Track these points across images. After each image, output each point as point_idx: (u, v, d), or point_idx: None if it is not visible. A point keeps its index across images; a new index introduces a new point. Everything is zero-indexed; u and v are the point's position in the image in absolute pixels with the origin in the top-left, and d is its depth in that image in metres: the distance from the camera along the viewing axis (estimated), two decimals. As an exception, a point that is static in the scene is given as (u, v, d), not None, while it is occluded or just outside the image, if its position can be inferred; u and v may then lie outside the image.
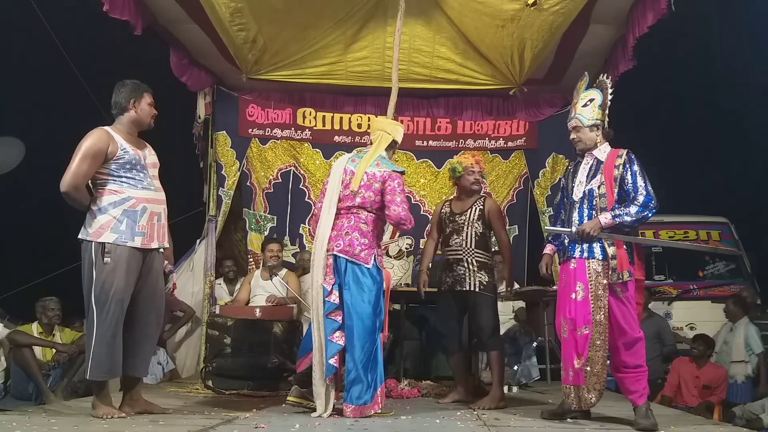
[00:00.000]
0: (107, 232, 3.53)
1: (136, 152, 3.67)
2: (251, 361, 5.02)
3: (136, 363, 3.70)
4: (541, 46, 5.94)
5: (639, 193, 3.61)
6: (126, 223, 3.57)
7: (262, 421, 3.52)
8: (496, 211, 4.72)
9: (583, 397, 3.62)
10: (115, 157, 3.59)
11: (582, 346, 3.59)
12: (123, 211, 3.58)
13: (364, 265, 3.82)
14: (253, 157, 7.14)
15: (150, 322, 3.72)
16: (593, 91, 3.86)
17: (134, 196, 3.62)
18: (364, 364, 3.71)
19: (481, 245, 4.59)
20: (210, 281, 6.75)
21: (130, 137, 3.71)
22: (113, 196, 3.59)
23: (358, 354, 3.72)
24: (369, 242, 3.87)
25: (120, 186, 3.61)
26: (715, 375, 5.86)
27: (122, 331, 3.55)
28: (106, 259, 3.50)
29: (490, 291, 4.53)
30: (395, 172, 3.94)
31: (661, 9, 4.97)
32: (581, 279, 3.64)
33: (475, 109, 7.26)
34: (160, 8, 5.66)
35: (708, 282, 7.63)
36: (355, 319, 3.76)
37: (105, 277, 3.50)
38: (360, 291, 3.79)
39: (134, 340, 3.66)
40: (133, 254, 3.58)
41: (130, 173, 3.63)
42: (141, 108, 3.74)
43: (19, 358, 5.24)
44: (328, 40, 6.15)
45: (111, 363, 3.50)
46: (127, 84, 3.76)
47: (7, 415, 3.77)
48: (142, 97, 3.75)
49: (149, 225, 3.64)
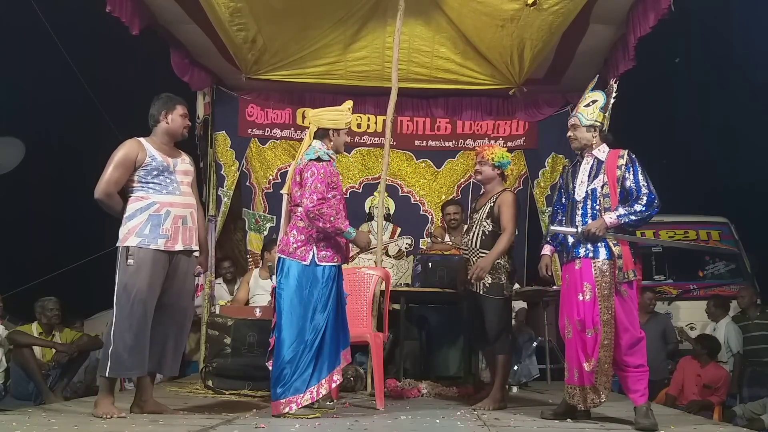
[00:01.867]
0: (132, 237, 3.64)
1: (165, 159, 3.77)
2: (251, 361, 5.01)
3: (162, 362, 3.77)
4: (541, 46, 5.94)
5: (642, 193, 3.62)
6: (150, 227, 3.67)
7: (262, 421, 3.52)
8: (506, 202, 4.37)
9: (590, 397, 3.62)
10: (144, 164, 3.71)
11: (591, 348, 3.59)
12: (148, 216, 3.68)
13: (301, 261, 3.77)
14: (253, 157, 7.14)
15: (175, 322, 3.79)
16: (598, 92, 3.90)
17: (158, 200, 3.72)
18: (288, 361, 3.66)
19: (487, 245, 4.36)
20: (210, 281, 6.75)
21: (163, 146, 3.83)
22: (140, 203, 3.70)
23: (285, 351, 3.68)
24: (305, 238, 3.79)
25: (146, 192, 3.72)
26: (716, 375, 5.86)
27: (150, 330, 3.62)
28: (129, 261, 3.60)
29: (494, 293, 4.33)
30: (311, 160, 3.81)
31: (662, 9, 4.97)
32: (588, 279, 3.63)
33: (474, 109, 7.26)
34: (159, 8, 5.66)
35: (708, 282, 7.63)
36: (284, 317, 3.73)
37: (128, 279, 3.59)
38: (288, 288, 3.75)
39: (160, 340, 3.73)
40: (158, 257, 3.66)
41: (157, 179, 3.73)
42: (173, 119, 3.86)
43: (19, 358, 5.24)
44: (328, 40, 6.15)
45: (134, 361, 3.56)
46: (162, 97, 3.90)
47: (7, 415, 3.77)
48: (174, 108, 3.87)
49: (173, 228, 3.72)
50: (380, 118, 7.05)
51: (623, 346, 3.61)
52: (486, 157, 4.48)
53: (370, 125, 7.22)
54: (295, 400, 3.65)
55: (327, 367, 3.73)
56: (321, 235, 3.81)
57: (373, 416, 3.85)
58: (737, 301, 6.77)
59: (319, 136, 3.97)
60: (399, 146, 7.16)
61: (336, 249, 3.87)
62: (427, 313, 5.99)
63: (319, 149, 3.88)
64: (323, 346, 3.73)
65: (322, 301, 3.76)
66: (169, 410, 3.79)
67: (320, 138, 3.97)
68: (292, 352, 3.68)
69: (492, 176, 4.50)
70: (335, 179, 3.89)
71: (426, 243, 6.75)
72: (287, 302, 3.75)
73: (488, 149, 4.54)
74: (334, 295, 3.81)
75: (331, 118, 3.99)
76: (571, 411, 3.76)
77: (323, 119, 3.99)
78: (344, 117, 4.02)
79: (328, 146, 3.96)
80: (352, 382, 5.19)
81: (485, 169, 4.49)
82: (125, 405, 3.78)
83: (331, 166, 3.89)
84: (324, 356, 3.73)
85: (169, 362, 3.81)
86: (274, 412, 3.66)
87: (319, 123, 3.98)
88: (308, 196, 3.74)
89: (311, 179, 3.77)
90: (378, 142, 7.10)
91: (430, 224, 7.05)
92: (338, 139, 4.01)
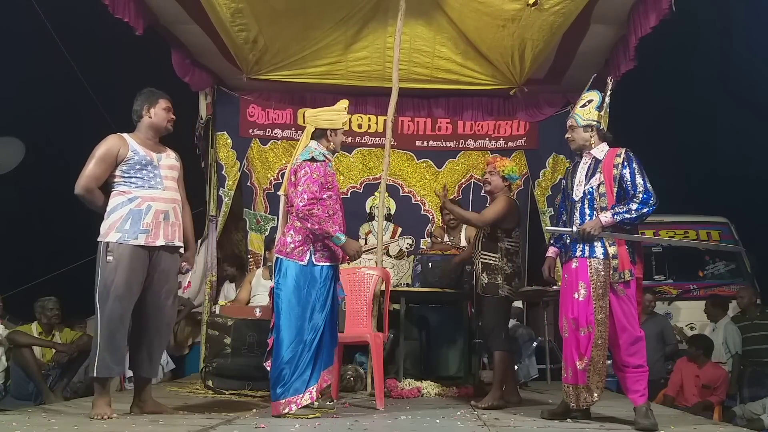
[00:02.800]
0: (113, 232, 3.58)
1: (148, 153, 3.73)
2: (251, 361, 5.00)
3: (142, 361, 3.71)
4: (542, 46, 5.94)
5: (638, 191, 3.62)
6: (130, 222, 3.60)
7: (262, 421, 3.52)
8: (498, 200, 4.58)
9: (582, 396, 3.63)
10: (126, 158, 3.66)
11: (584, 347, 3.60)
12: (129, 211, 3.63)
13: (298, 262, 3.77)
14: (254, 157, 7.14)
15: (158, 321, 3.72)
16: (593, 92, 3.91)
17: (140, 195, 3.66)
18: (287, 361, 3.66)
19: (487, 247, 4.56)
20: (210, 281, 6.75)
21: (147, 142, 3.79)
22: (121, 197, 3.65)
23: (284, 351, 3.67)
24: (303, 239, 3.78)
25: (128, 187, 3.67)
26: (715, 375, 5.87)
27: (130, 329, 3.59)
28: (108, 258, 3.54)
29: (490, 292, 4.51)
30: (306, 161, 3.81)
31: (663, 9, 4.97)
32: (583, 278, 3.64)
33: (475, 109, 7.25)
34: (161, 9, 5.66)
35: (708, 282, 7.63)
36: (283, 317, 3.72)
37: (107, 275, 3.53)
38: (287, 288, 3.74)
39: (141, 339, 3.69)
40: (137, 252, 3.59)
41: (140, 173, 3.68)
42: (156, 113, 3.81)
43: (19, 358, 5.24)
44: (329, 40, 6.15)
45: (112, 361, 3.51)
46: (144, 92, 3.85)
47: (7, 415, 3.77)
48: (156, 103, 3.81)
49: (154, 222, 3.65)
50: (381, 119, 7.05)
51: (622, 345, 3.61)
52: (498, 168, 4.63)
53: (370, 125, 7.22)
54: (295, 400, 3.65)
55: (323, 367, 3.75)
56: (315, 236, 3.80)
57: (373, 416, 3.86)
58: (737, 301, 6.77)
59: (317, 136, 3.97)
60: (400, 146, 7.16)
61: (332, 248, 3.85)
62: (427, 313, 5.99)
63: (315, 149, 3.87)
64: (322, 346, 3.73)
65: (321, 300, 3.75)
66: (168, 410, 3.78)
67: (317, 138, 3.97)
68: (291, 352, 3.68)
69: (500, 187, 4.66)
70: (330, 180, 3.86)
71: (426, 243, 6.75)
72: (285, 302, 3.75)
73: (500, 161, 4.71)
74: (331, 295, 3.81)
75: (328, 119, 3.98)
76: (570, 411, 3.76)
77: (320, 119, 3.98)
78: (341, 117, 4.02)
79: (325, 146, 3.95)
80: (352, 382, 5.19)
81: (495, 179, 4.65)
82: (125, 405, 3.78)
83: (326, 166, 3.87)
84: (323, 356, 3.74)
85: (147, 362, 3.73)
86: (273, 413, 3.67)
87: (316, 123, 3.98)
88: (299, 196, 3.74)
89: (304, 179, 3.77)
90: (379, 142, 7.10)
91: (430, 224, 7.05)
92: (336, 139, 4.01)
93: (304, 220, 3.73)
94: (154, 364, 3.79)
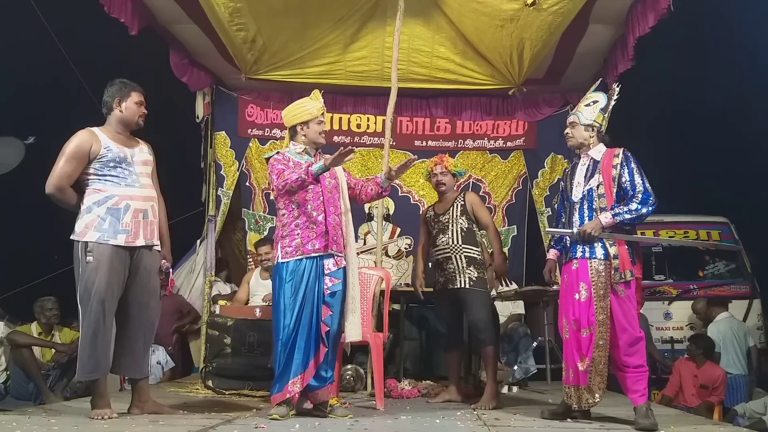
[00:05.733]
0: (91, 231, 3.51)
1: (121, 150, 3.63)
2: (251, 361, 5.01)
3: (128, 363, 3.66)
4: (540, 46, 5.94)
5: (637, 191, 3.62)
6: (109, 221, 3.53)
7: (262, 421, 3.52)
8: (477, 202, 4.74)
9: (584, 397, 3.63)
10: (99, 156, 3.57)
11: (586, 348, 3.60)
12: (107, 210, 3.55)
13: (279, 260, 3.77)
14: (253, 157, 7.14)
15: (141, 322, 3.66)
16: (599, 93, 3.93)
17: (117, 193, 3.58)
18: (275, 360, 3.69)
19: (469, 240, 4.58)
20: (210, 281, 6.75)
21: (118, 136, 3.67)
22: (97, 195, 3.57)
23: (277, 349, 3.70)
24: (277, 236, 3.82)
25: (103, 185, 3.58)
26: (713, 375, 5.86)
27: (114, 330, 3.53)
28: (88, 258, 3.48)
29: (480, 286, 4.52)
30: (270, 157, 3.85)
31: (661, 9, 4.99)
32: (584, 279, 3.64)
33: (474, 109, 7.26)
34: (158, 8, 5.67)
35: (708, 282, 7.63)
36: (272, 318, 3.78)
37: (87, 276, 3.47)
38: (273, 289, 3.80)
39: (126, 340, 3.63)
40: (117, 252, 3.53)
41: (114, 171, 3.59)
42: (127, 107, 3.69)
43: (19, 359, 5.24)
44: (328, 40, 6.15)
45: (95, 363, 3.46)
46: (115, 83, 3.72)
47: (7, 415, 3.77)
48: (128, 96, 3.69)
49: (133, 222, 3.59)
50: (380, 118, 7.05)
51: (622, 346, 3.60)
52: (449, 166, 4.74)
53: (369, 125, 7.22)
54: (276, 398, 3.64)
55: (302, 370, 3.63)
56: (284, 231, 3.76)
57: (373, 416, 3.85)
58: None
59: (292, 136, 3.93)
60: (399, 146, 7.16)
61: (300, 243, 3.72)
62: (427, 313, 5.99)
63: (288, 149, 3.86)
64: (295, 348, 3.62)
65: (292, 298, 3.66)
66: (168, 410, 3.77)
67: (293, 137, 3.92)
68: (275, 352, 3.72)
69: (452, 185, 4.79)
70: (287, 162, 3.78)
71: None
72: (273, 304, 3.81)
73: (448, 159, 4.81)
74: (303, 292, 3.67)
75: (294, 114, 3.91)
76: (570, 411, 3.76)
77: (288, 118, 3.94)
78: (305, 108, 3.89)
79: (302, 142, 3.88)
80: (352, 382, 5.19)
81: (448, 178, 4.76)
82: (125, 405, 3.77)
83: (282, 155, 3.81)
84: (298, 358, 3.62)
85: (133, 363, 3.67)
86: None
87: (287, 123, 3.95)
88: (272, 185, 3.79)
89: (271, 171, 3.80)
90: (378, 142, 7.10)
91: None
92: (309, 131, 3.88)
93: (285, 189, 3.68)
94: (139, 363, 3.71)
